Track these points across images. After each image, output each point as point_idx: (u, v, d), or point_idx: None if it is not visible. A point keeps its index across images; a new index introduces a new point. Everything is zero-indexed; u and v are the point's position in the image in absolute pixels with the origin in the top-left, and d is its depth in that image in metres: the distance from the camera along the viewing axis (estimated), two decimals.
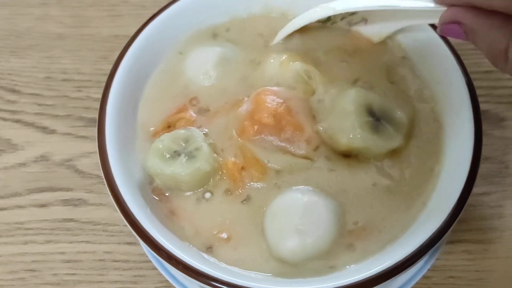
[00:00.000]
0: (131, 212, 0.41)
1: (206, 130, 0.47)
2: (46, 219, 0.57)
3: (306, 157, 0.45)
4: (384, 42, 0.51)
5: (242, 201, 0.44)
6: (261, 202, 0.43)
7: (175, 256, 0.39)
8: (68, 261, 0.54)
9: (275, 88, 0.47)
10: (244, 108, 0.46)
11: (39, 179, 0.59)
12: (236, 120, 0.46)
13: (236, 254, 0.42)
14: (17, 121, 0.63)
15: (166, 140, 0.44)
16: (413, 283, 0.49)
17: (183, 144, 0.44)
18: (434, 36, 0.48)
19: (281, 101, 0.46)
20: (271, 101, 0.46)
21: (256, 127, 0.45)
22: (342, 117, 0.44)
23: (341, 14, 0.49)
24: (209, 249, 0.42)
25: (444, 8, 0.38)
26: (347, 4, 0.47)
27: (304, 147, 0.45)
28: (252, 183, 0.44)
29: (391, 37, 0.51)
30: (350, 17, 0.50)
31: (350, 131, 0.43)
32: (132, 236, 0.55)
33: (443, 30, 0.38)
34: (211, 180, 0.44)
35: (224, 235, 0.43)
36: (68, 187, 0.58)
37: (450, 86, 0.47)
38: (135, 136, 0.47)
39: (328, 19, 0.51)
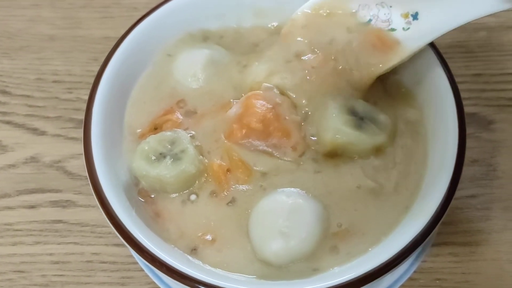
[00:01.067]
0: (115, 214, 0.41)
1: (193, 132, 0.47)
2: (35, 220, 0.57)
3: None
4: None
5: (227, 203, 0.44)
6: (246, 204, 0.43)
7: (159, 258, 0.39)
8: (57, 262, 0.54)
9: (265, 92, 0.47)
10: (233, 111, 0.47)
11: (29, 181, 0.59)
12: (224, 123, 0.47)
13: (220, 256, 0.42)
14: (8, 122, 0.63)
15: (152, 142, 0.44)
16: (399, 285, 0.49)
17: (169, 146, 0.44)
18: None
19: (271, 106, 0.46)
20: (261, 106, 0.46)
21: (244, 131, 0.45)
22: (326, 118, 0.45)
23: (383, 24, 0.47)
24: (193, 251, 0.42)
25: None
26: None
27: (290, 154, 0.45)
28: (237, 185, 0.44)
29: None
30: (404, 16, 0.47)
31: (334, 127, 0.44)
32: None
33: None
34: (197, 182, 0.45)
35: (209, 237, 0.43)
36: (58, 188, 0.58)
37: (434, 90, 0.47)
38: (122, 137, 0.47)
39: (369, 21, 0.48)
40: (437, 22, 0.45)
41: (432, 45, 0.48)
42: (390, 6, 0.47)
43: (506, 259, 0.53)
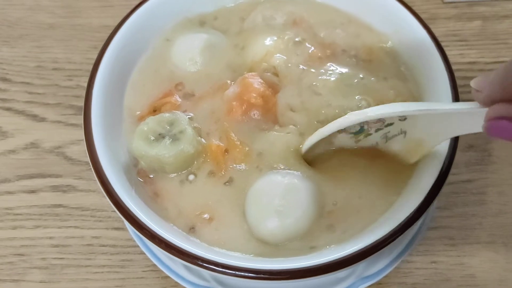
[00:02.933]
0: (116, 193, 0.41)
1: (191, 114, 0.48)
2: (35, 205, 0.57)
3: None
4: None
5: (224, 183, 0.44)
6: (243, 184, 0.44)
7: (158, 235, 0.39)
8: (57, 246, 0.55)
9: (260, 73, 0.48)
10: (231, 90, 0.47)
11: (29, 166, 0.59)
12: (222, 102, 0.47)
13: (217, 234, 0.42)
14: (8, 109, 0.63)
15: (151, 123, 0.45)
16: (393, 266, 0.49)
17: (168, 127, 0.45)
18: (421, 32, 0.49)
19: (267, 85, 0.47)
20: (259, 84, 0.47)
21: (244, 106, 0.46)
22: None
23: (376, 124, 0.42)
24: (191, 230, 0.43)
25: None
26: (380, 109, 0.40)
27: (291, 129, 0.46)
28: (234, 165, 0.45)
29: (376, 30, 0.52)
30: (386, 128, 0.43)
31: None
32: (120, 221, 0.56)
33: (491, 127, 0.33)
34: (195, 162, 0.45)
35: (207, 216, 0.43)
36: (58, 173, 0.59)
37: (431, 75, 0.48)
38: (122, 120, 0.48)
39: (361, 130, 0.43)
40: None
41: (430, 33, 0.48)
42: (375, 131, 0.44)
43: (501, 242, 0.54)
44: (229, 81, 0.49)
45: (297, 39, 0.50)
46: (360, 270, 0.47)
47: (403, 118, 0.41)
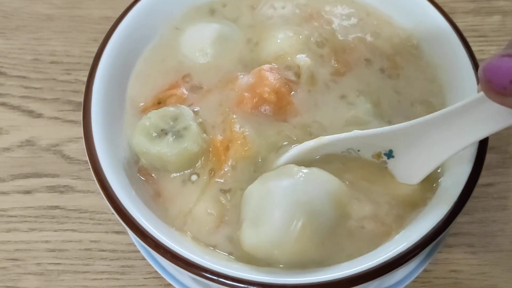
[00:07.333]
0: (117, 198, 0.38)
1: (198, 108, 0.45)
2: (30, 206, 0.54)
3: None
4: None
5: (222, 191, 0.41)
6: (242, 185, 0.41)
7: (163, 244, 0.36)
8: (53, 250, 0.52)
9: (279, 67, 0.46)
10: (245, 80, 0.45)
11: (24, 165, 0.56)
12: (231, 95, 0.45)
13: (220, 239, 0.40)
14: (2, 104, 0.60)
15: (153, 117, 0.42)
16: (414, 276, 0.46)
17: (171, 123, 0.42)
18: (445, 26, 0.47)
19: (285, 81, 0.44)
20: (275, 78, 0.44)
21: (255, 100, 0.43)
22: None
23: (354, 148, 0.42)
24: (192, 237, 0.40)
25: None
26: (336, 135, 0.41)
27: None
28: (235, 163, 0.42)
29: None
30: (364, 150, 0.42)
31: None
32: (120, 224, 0.52)
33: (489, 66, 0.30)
34: (199, 161, 0.42)
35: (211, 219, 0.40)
36: (54, 173, 0.56)
37: (458, 73, 0.45)
38: (124, 110, 0.45)
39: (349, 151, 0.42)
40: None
41: (455, 28, 0.46)
42: (358, 150, 0.42)
43: None
44: (239, 74, 0.46)
45: (315, 39, 0.48)
46: (378, 282, 0.44)
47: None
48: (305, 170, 0.39)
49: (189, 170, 0.42)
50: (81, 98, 0.59)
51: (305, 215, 0.37)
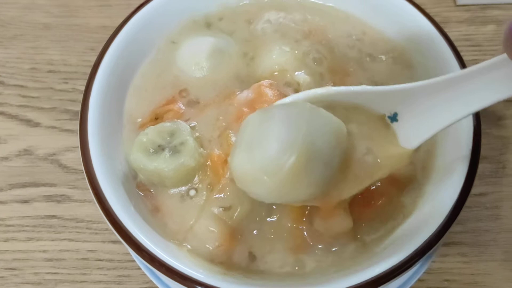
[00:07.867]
0: (113, 211, 0.39)
1: (194, 123, 0.45)
2: (28, 216, 0.55)
3: None
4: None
5: (223, 208, 0.42)
6: (241, 200, 0.41)
7: (158, 257, 0.37)
8: (50, 260, 0.52)
9: (278, 83, 0.46)
10: (244, 95, 0.45)
11: (22, 174, 0.57)
12: (229, 111, 0.45)
13: (218, 253, 0.40)
14: (0, 113, 0.61)
15: (150, 133, 0.42)
16: (408, 287, 0.47)
17: (168, 138, 0.42)
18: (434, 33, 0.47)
19: (284, 97, 0.44)
20: (274, 95, 0.44)
21: None
22: None
23: None
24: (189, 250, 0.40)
25: None
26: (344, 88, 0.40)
27: None
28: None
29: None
30: None
31: None
32: None
33: None
34: (197, 176, 0.43)
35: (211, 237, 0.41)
36: (52, 182, 0.56)
37: None
38: (121, 126, 0.46)
39: None
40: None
41: (447, 38, 0.46)
42: None
43: None
44: (236, 90, 0.46)
45: (312, 56, 0.48)
46: None
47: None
48: (312, 105, 0.37)
49: (187, 186, 0.43)
50: (78, 107, 0.60)
51: (305, 144, 0.34)
